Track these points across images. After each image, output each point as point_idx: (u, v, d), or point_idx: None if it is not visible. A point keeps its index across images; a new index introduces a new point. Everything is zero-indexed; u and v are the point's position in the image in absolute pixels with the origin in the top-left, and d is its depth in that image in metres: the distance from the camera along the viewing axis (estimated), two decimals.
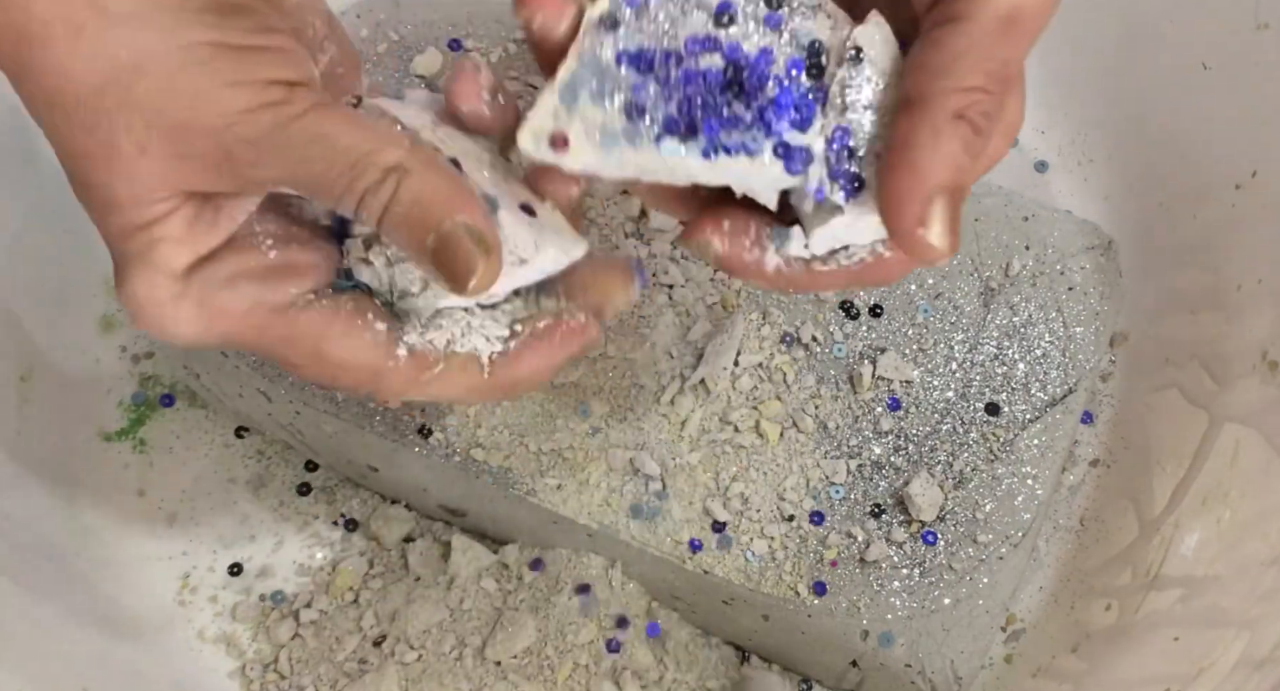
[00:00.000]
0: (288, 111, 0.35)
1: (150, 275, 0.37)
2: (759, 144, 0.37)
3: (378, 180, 0.35)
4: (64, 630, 0.57)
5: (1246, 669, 0.49)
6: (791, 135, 0.37)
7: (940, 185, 0.36)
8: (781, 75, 0.37)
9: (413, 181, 0.36)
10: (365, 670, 0.59)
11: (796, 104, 0.37)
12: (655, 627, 0.59)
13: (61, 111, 0.35)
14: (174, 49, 0.34)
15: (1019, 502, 0.57)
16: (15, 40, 0.34)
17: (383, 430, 0.58)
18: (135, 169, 0.35)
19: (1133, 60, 0.69)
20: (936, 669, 0.55)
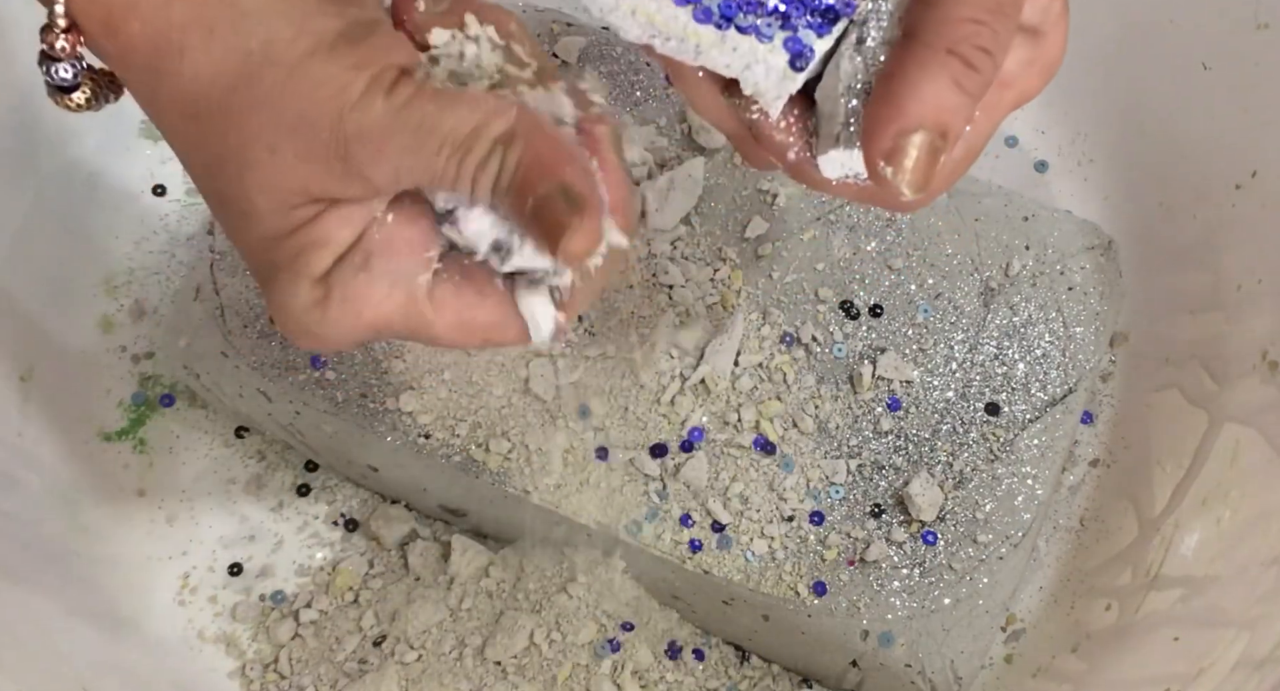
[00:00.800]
0: (400, 95, 0.35)
1: (296, 284, 0.36)
2: (772, 31, 0.37)
3: (485, 155, 0.35)
4: (64, 630, 0.57)
5: (1246, 669, 0.49)
6: (806, 34, 0.37)
7: (917, 122, 0.35)
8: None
9: (514, 150, 0.35)
10: (365, 670, 0.59)
11: (822, 6, 0.36)
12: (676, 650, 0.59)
13: (197, 122, 0.35)
14: (301, 37, 0.34)
15: (1019, 502, 0.57)
16: (153, 51, 0.35)
17: (383, 430, 0.58)
18: (268, 174, 0.35)
19: (1133, 60, 0.69)
20: (936, 669, 0.55)
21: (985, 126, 0.39)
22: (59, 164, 0.67)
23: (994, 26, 0.35)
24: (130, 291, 0.69)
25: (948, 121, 0.35)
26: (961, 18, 0.35)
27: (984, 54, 0.35)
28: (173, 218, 0.70)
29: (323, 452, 0.63)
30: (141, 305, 0.68)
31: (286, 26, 0.34)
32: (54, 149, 0.67)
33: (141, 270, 0.69)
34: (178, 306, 0.63)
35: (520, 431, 0.57)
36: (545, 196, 0.35)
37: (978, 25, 0.35)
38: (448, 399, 0.58)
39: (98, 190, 0.69)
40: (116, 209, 0.69)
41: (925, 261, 0.60)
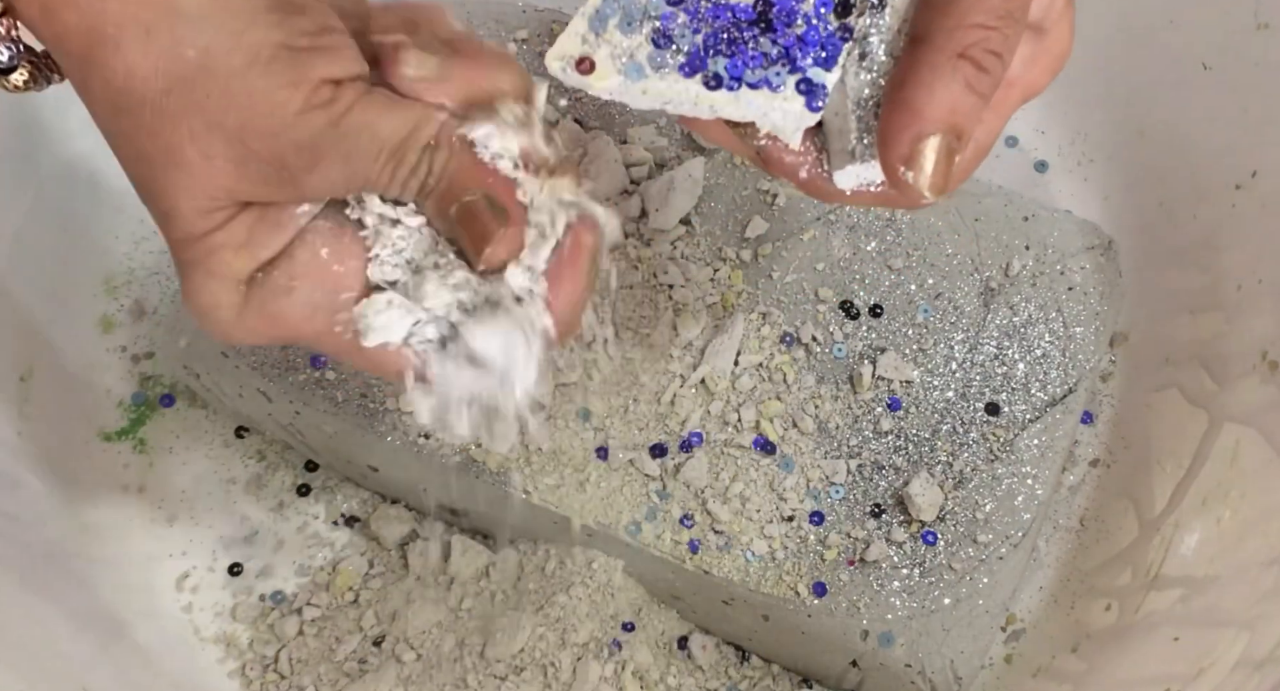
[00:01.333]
0: (336, 110, 0.35)
1: (212, 283, 0.37)
2: (782, 79, 0.37)
3: (415, 162, 0.37)
4: (64, 630, 0.57)
5: (1246, 669, 0.49)
6: (815, 72, 0.37)
7: (933, 125, 0.36)
8: (810, 13, 0.37)
9: (442, 154, 0.37)
10: (365, 670, 0.59)
11: (823, 42, 0.37)
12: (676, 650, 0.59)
13: (128, 116, 0.35)
14: (239, 49, 0.34)
15: (1019, 502, 0.57)
16: (87, 42, 0.34)
17: (383, 430, 0.58)
18: (197, 177, 0.35)
19: (1133, 60, 0.69)
20: (936, 669, 0.55)
21: (995, 124, 0.40)
22: (59, 164, 0.67)
23: (1004, 30, 0.36)
24: (130, 291, 0.69)
25: (961, 123, 0.36)
26: (972, 23, 0.35)
27: (994, 57, 0.36)
28: None
29: (323, 452, 0.63)
30: (141, 305, 0.68)
31: (225, 37, 0.34)
32: (54, 149, 0.67)
33: (141, 270, 0.69)
34: (178, 306, 0.63)
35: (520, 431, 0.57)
36: (470, 203, 0.37)
37: (987, 30, 0.35)
38: None
39: (98, 190, 0.69)
40: (116, 209, 0.69)
41: (925, 261, 0.60)
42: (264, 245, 0.37)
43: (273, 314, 0.38)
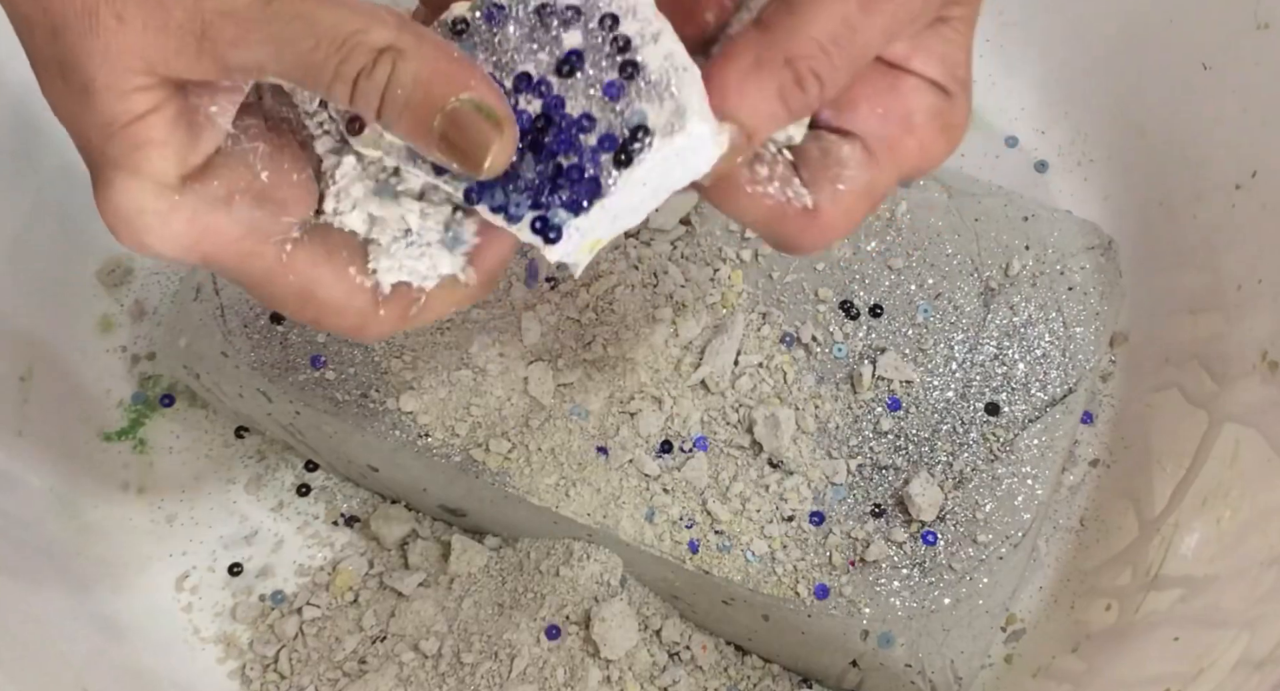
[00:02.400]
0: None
1: (136, 184, 0.34)
2: (520, 211, 0.36)
3: (369, 63, 0.33)
4: (64, 630, 0.57)
5: (1246, 669, 0.49)
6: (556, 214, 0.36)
7: (732, 113, 0.35)
8: (587, 148, 0.35)
9: (409, 62, 0.33)
10: (365, 670, 0.59)
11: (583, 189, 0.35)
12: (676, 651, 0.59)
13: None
14: None
15: (1019, 502, 0.57)
16: None
17: (383, 430, 0.58)
18: (112, 43, 0.33)
19: (1133, 60, 0.69)
20: (936, 669, 0.55)
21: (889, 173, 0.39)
22: (59, 164, 0.67)
23: (835, 59, 0.35)
24: (130, 291, 0.69)
25: (757, 128, 0.36)
26: (809, 36, 0.35)
27: (814, 79, 0.35)
28: None
29: (323, 452, 0.63)
30: (141, 305, 0.68)
31: None
32: (54, 149, 0.67)
33: (141, 270, 0.69)
34: (178, 306, 0.63)
35: (520, 431, 0.57)
36: (456, 111, 0.33)
37: (821, 50, 0.35)
38: (447, 399, 0.58)
39: None
40: None
41: (925, 261, 0.60)
42: (190, 147, 0.35)
43: (205, 225, 0.35)
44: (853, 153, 0.38)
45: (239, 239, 0.36)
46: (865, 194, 0.38)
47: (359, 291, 0.38)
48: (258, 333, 0.60)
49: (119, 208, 0.35)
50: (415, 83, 0.33)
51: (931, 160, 0.39)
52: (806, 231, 0.38)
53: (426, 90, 0.33)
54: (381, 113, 0.34)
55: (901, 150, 0.38)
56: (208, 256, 0.36)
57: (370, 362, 0.59)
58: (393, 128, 0.34)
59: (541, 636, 0.57)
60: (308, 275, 0.37)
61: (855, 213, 0.39)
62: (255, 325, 0.60)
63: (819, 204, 0.38)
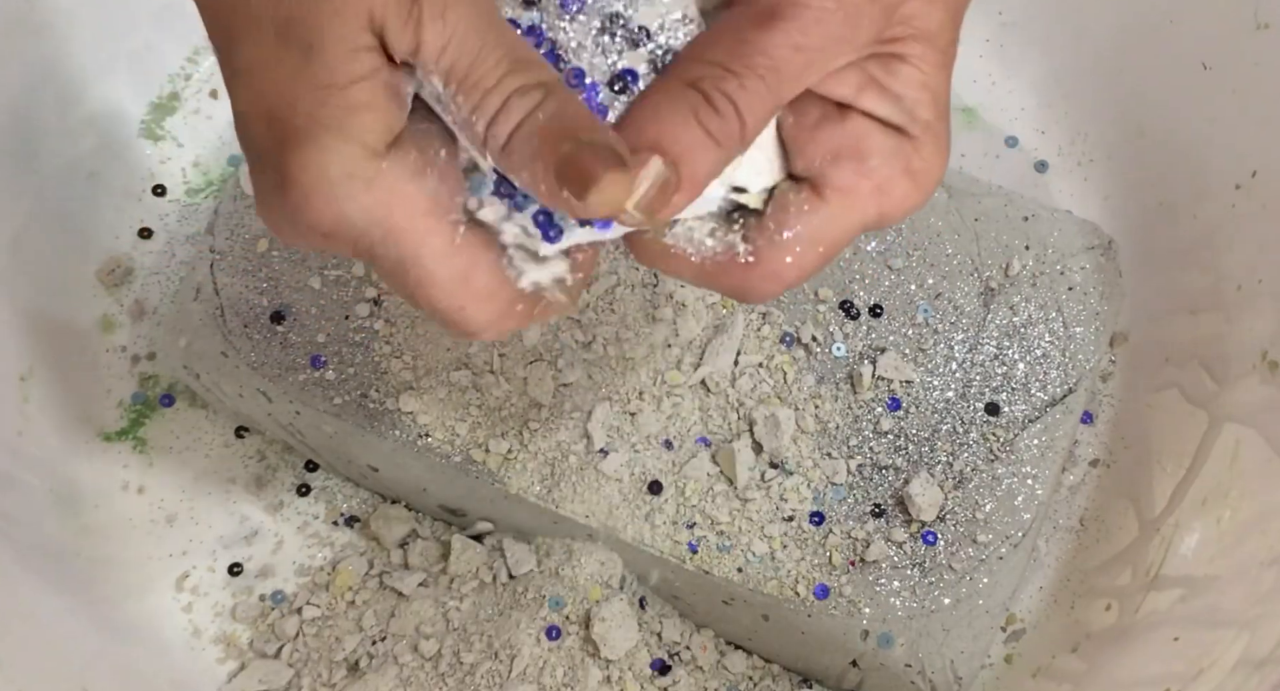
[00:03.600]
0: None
1: (347, 147, 0.34)
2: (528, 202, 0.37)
3: (530, 85, 0.34)
4: (64, 630, 0.57)
5: (1246, 669, 0.49)
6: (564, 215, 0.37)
7: (651, 143, 0.35)
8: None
9: (558, 100, 0.34)
10: (365, 670, 0.59)
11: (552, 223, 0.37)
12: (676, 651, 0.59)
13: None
14: None
15: (1019, 502, 0.57)
16: None
17: (383, 430, 0.58)
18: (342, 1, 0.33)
19: (1133, 60, 0.69)
20: (936, 669, 0.55)
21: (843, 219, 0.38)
22: (59, 164, 0.67)
23: (742, 79, 0.35)
24: (130, 291, 0.69)
25: (682, 155, 0.35)
26: (707, 59, 0.35)
27: (726, 99, 0.35)
28: (172, 218, 0.70)
29: (323, 452, 0.63)
30: (141, 305, 0.68)
31: None
32: (54, 149, 0.67)
33: (141, 270, 0.69)
34: (178, 306, 0.63)
35: (520, 431, 0.57)
36: (586, 144, 0.34)
37: (726, 72, 0.35)
38: (447, 399, 0.58)
39: (98, 190, 0.69)
40: (117, 209, 0.69)
41: (925, 261, 0.60)
42: (395, 115, 0.35)
43: (401, 194, 0.35)
44: (797, 197, 0.38)
45: (426, 212, 0.35)
46: (813, 240, 0.38)
47: (508, 283, 0.37)
48: (258, 332, 0.60)
49: (327, 169, 0.34)
50: (555, 116, 0.34)
51: (898, 206, 0.38)
52: (749, 283, 0.38)
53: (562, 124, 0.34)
54: (514, 135, 0.34)
55: (856, 194, 0.37)
56: (393, 230, 0.35)
57: (370, 363, 0.59)
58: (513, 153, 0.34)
59: (541, 636, 0.57)
60: (473, 258, 0.36)
61: (804, 259, 0.38)
62: (255, 325, 0.60)
63: (759, 252, 0.38)
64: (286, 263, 0.61)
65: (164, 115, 0.72)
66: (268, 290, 0.60)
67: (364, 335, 0.59)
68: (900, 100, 0.37)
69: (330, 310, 0.60)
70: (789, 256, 0.38)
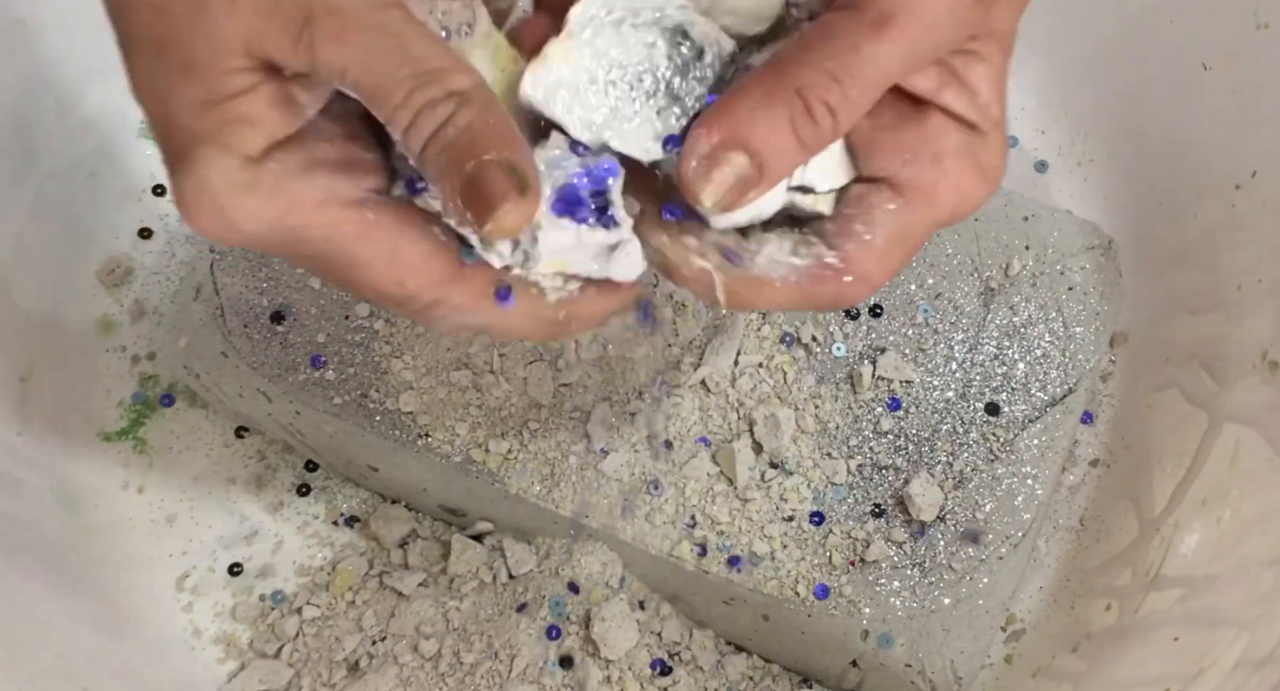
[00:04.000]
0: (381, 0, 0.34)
1: (223, 159, 0.34)
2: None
3: (439, 98, 0.34)
4: (64, 630, 0.57)
5: (1246, 669, 0.49)
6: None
7: (742, 143, 0.35)
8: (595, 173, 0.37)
9: (471, 110, 0.34)
10: (365, 670, 0.59)
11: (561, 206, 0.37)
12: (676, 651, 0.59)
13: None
14: None
15: (1019, 502, 0.57)
16: None
17: (383, 430, 0.58)
18: (219, 24, 0.33)
19: (1133, 60, 0.69)
20: (936, 669, 0.55)
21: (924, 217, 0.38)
22: (59, 164, 0.67)
23: (847, 90, 0.35)
24: (130, 291, 0.69)
25: (769, 158, 0.35)
26: (822, 66, 0.35)
27: (826, 110, 0.35)
28: (173, 218, 0.70)
29: (323, 452, 0.63)
30: (141, 305, 0.68)
31: None
32: (54, 149, 0.67)
33: (141, 270, 0.69)
34: (178, 306, 0.63)
35: (520, 431, 0.57)
36: (489, 164, 0.34)
37: (833, 81, 0.35)
38: (447, 399, 0.58)
39: (98, 190, 0.69)
40: (116, 209, 0.69)
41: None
42: (277, 124, 0.35)
43: (289, 194, 0.35)
44: (880, 198, 0.37)
45: (321, 204, 0.35)
46: (899, 239, 0.38)
47: (442, 248, 0.37)
48: (258, 332, 0.60)
49: (206, 182, 0.35)
50: (466, 128, 0.34)
51: (969, 201, 0.38)
52: (843, 290, 0.38)
53: (472, 140, 0.34)
54: (427, 147, 0.34)
55: (935, 193, 0.37)
56: (292, 230, 0.36)
57: (370, 363, 0.59)
58: (427, 165, 0.34)
59: (541, 636, 0.57)
60: (394, 233, 0.36)
61: (890, 258, 0.38)
62: (255, 325, 0.60)
63: (849, 256, 0.37)
64: (286, 263, 0.61)
65: None
66: (268, 290, 0.60)
67: (364, 335, 0.59)
68: (976, 96, 0.37)
69: (330, 310, 0.60)
70: (878, 257, 0.38)
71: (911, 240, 0.38)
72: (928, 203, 0.38)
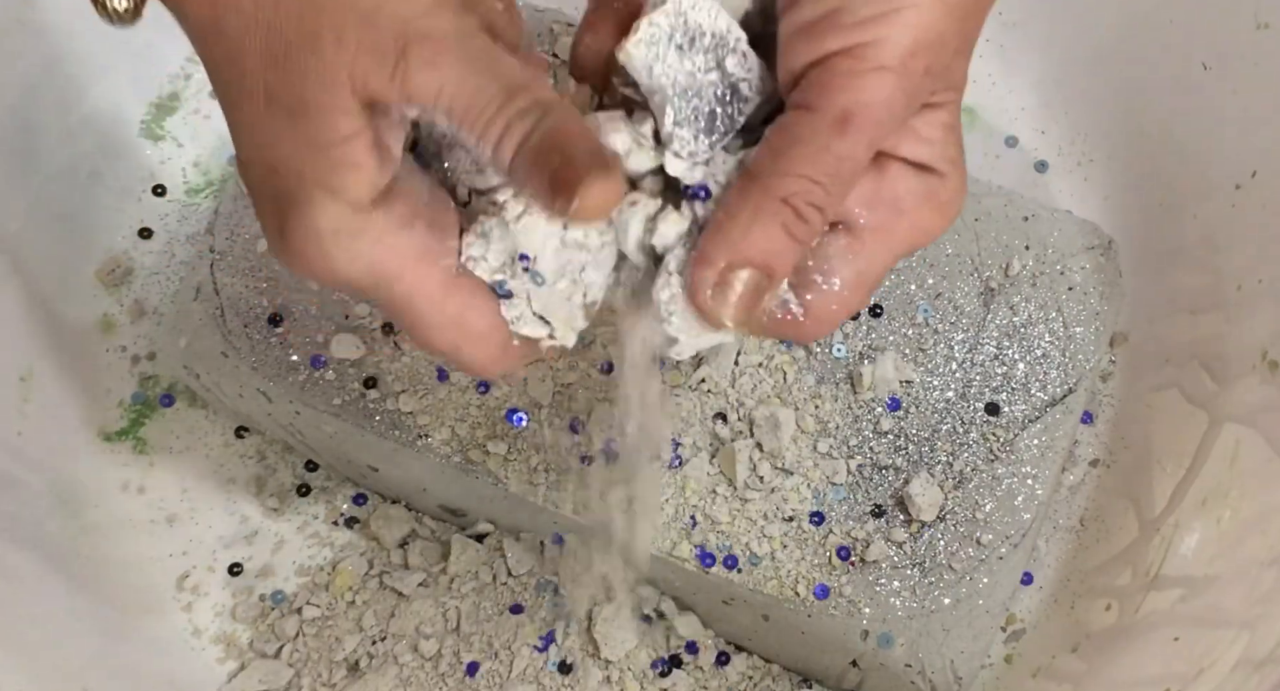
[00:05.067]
0: (466, 23, 0.36)
1: (334, 205, 0.36)
2: None
3: (528, 107, 0.36)
4: (64, 629, 0.57)
5: (1246, 669, 0.49)
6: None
7: (745, 259, 0.37)
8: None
9: (556, 115, 0.36)
10: (365, 670, 0.59)
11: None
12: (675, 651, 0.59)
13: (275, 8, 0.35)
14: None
15: (1019, 502, 0.57)
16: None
17: (383, 430, 0.58)
18: (329, 64, 0.35)
19: (1133, 60, 0.69)
20: (936, 669, 0.55)
21: (882, 257, 0.40)
22: (59, 164, 0.67)
23: (829, 188, 0.37)
24: (130, 291, 0.69)
25: (774, 264, 0.37)
26: (800, 173, 0.36)
27: (814, 210, 0.37)
28: (172, 218, 0.70)
29: (323, 452, 0.63)
30: (141, 305, 0.68)
31: None
32: (54, 149, 0.67)
33: (141, 270, 0.69)
34: (178, 306, 0.63)
35: (519, 432, 0.57)
36: (573, 155, 0.35)
37: (814, 184, 0.37)
38: (447, 399, 0.58)
39: (98, 190, 0.69)
40: (116, 210, 0.69)
41: (925, 261, 0.60)
42: (380, 173, 0.36)
43: (389, 246, 0.37)
44: (838, 246, 0.39)
45: (417, 259, 0.38)
46: (857, 284, 0.40)
47: (503, 325, 0.40)
48: (258, 333, 0.60)
49: (315, 228, 0.36)
50: (553, 131, 0.36)
51: (927, 235, 0.40)
52: (803, 331, 0.40)
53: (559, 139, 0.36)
54: (518, 154, 0.36)
55: (892, 234, 0.39)
56: (387, 279, 0.38)
57: (370, 363, 0.59)
58: (520, 169, 0.36)
59: (541, 636, 0.57)
60: (466, 302, 0.39)
61: (850, 302, 0.40)
62: (255, 325, 0.60)
63: (810, 305, 0.40)
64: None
65: (164, 115, 0.72)
66: (268, 290, 0.60)
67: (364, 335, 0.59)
68: (933, 143, 0.39)
69: (330, 310, 0.60)
70: (836, 302, 0.40)
71: (870, 280, 0.40)
72: (885, 244, 0.40)
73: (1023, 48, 0.74)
